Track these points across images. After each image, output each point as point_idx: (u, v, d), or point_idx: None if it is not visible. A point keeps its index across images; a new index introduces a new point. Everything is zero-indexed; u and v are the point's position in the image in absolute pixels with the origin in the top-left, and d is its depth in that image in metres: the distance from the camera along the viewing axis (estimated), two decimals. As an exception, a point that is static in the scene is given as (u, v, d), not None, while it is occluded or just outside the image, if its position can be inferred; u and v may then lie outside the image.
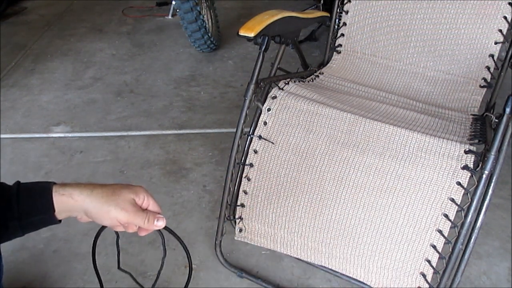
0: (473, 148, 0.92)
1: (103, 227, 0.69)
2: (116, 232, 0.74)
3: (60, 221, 0.61)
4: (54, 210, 0.59)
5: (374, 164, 0.98)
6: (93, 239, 0.74)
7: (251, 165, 1.10)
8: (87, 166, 1.57)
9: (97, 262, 0.78)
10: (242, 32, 0.99)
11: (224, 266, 1.17)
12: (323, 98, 1.10)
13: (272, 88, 1.13)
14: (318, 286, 1.14)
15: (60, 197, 0.59)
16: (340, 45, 1.38)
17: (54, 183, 0.60)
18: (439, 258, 0.93)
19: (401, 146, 0.97)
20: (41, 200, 0.58)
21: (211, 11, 2.39)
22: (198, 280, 1.16)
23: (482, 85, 1.21)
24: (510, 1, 1.18)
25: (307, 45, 2.39)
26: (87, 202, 0.59)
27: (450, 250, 0.90)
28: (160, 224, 0.63)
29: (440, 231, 0.93)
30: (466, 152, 0.91)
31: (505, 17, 1.18)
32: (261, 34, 1.00)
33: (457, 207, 0.91)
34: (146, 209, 0.64)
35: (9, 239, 0.59)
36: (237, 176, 1.13)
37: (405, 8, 1.29)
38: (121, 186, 0.62)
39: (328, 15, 1.32)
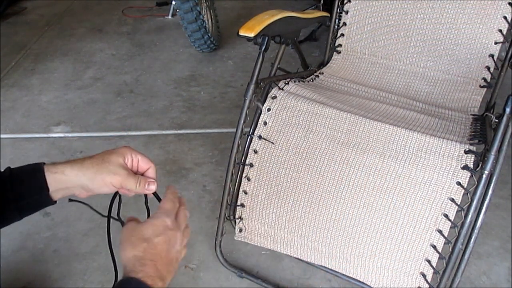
0: (473, 148, 0.91)
1: (114, 195, 0.67)
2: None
3: (55, 201, 0.61)
4: (48, 190, 0.59)
5: (374, 164, 0.98)
6: (108, 206, 0.71)
7: (251, 165, 1.10)
8: (87, 166, 1.57)
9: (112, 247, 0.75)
10: (242, 32, 0.99)
11: (224, 266, 1.17)
12: (323, 98, 1.10)
13: (272, 88, 1.12)
14: (318, 286, 1.14)
15: (53, 175, 0.59)
16: (340, 45, 1.38)
17: (45, 163, 0.60)
18: (439, 258, 0.93)
19: (401, 146, 0.97)
20: (35, 180, 0.59)
21: (211, 11, 2.39)
22: (198, 280, 1.16)
23: (482, 85, 1.21)
24: (510, 1, 1.18)
25: (307, 45, 2.38)
26: (79, 176, 0.59)
27: (450, 250, 0.90)
28: (152, 188, 0.63)
29: (440, 231, 0.93)
30: (466, 152, 0.91)
31: (505, 17, 1.18)
32: (261, 34, 1.00)
33: (457, 207, 0.91)
34: (137, 173, 0.64)
35: (8, 223, 0.59)
36: (237, 176, 1.13)
37: (405, 8, 1.29)
38: (109, 152, 0.62)
39: (328, 15, 1.33)
